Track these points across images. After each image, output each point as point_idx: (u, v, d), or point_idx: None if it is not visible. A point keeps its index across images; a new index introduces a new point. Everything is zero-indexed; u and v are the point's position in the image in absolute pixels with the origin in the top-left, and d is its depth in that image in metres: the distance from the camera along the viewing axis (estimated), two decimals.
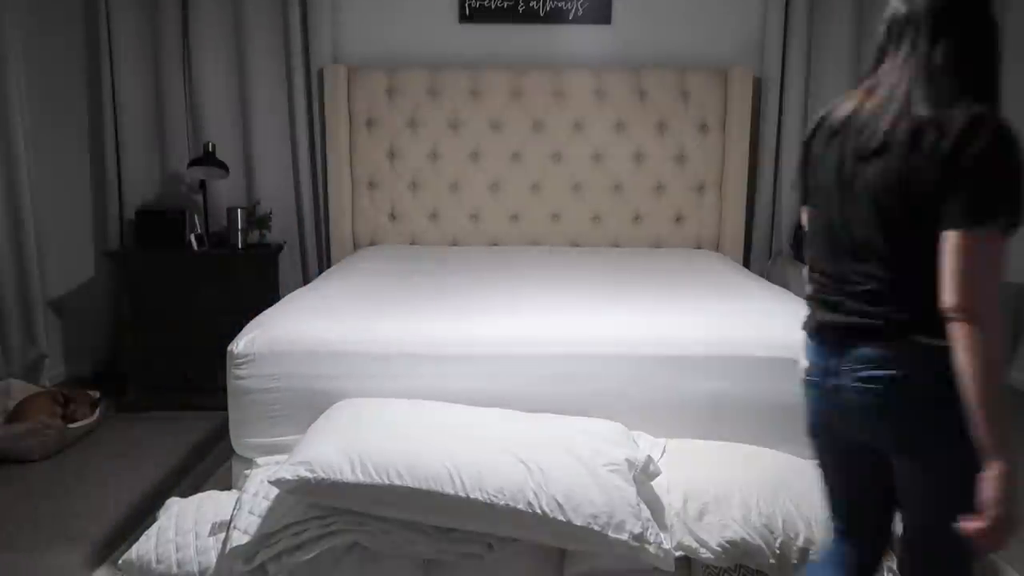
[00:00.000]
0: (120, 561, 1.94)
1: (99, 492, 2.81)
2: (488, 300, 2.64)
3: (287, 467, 1.76)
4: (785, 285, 3.47)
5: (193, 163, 3.77)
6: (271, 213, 3.90)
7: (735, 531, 1.82)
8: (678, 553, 1.83)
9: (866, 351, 1.35)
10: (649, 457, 1.93)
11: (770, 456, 2.12)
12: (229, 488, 2.27)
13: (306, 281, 3.87)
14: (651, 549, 1.75)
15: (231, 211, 3.76)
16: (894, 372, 1.32)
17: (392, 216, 3.96)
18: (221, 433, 2.85)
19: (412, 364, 2.24)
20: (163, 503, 2.10)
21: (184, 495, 2.17)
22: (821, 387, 1.45)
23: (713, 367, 2.24)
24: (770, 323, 2.38)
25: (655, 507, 1.87)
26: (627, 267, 3.34)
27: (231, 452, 2.33)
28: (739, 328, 2.34)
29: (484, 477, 1.75)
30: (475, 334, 2.29)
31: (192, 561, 1.86)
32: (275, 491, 1.84)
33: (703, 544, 1.82)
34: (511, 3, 3.93)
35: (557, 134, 3.89)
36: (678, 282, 2.98)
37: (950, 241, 1.25)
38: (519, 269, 3.21)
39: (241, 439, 2.27)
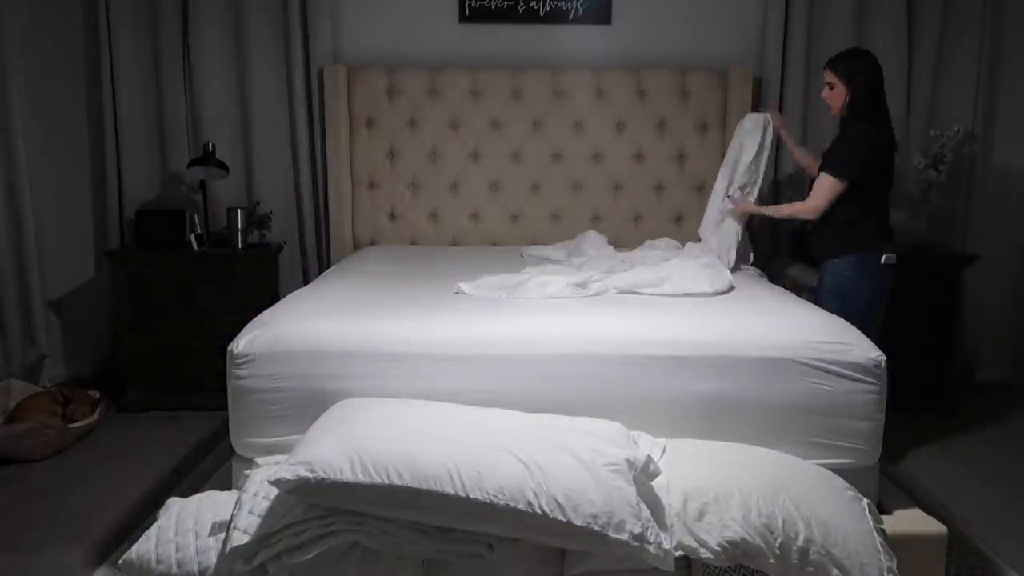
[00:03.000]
0: (120, 561, 1.94)
1: (99, 492, 2.81)
2: (488, 300, 2.64)
3: (287, 467, 1.76)
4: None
5: (193, 163, 3.77)
6: (271, 213, 3.90)
7: (735, 531, 1.82)
8: (678, 553, 1.83)
9: None
10: (649, 457, 1.92)
11: (770, 456, 2.11)
12: (229, 488, 2.27)
13: (306, 281, 3.87)
14: (651, 549, 1.75)
15: (231, 211, 3.76)
16: None
17: (392, 216, 3.96)
18: (221, 433, 2.85)
19: (412, 364, 2.24)
20: (163, 503, 2.10)
21: (184, 495, 2.16)
22: None
23: (713, 367, 2.24)
24: (770, 323, 2.39)
25: (655, 507, 1.87)
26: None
27: (231, 452, 2.33)
28: (739, 328, 2.34)
29: (484, 477, 1.75)
30: (475, 334, 2.29)
31: (192, 561, 1.86)
32: (275, 491, 1.84)
33: (703, 544, 1.82)
34: (511, 3, 3.93)
35: (557, 134, 3.89)
36: None
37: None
38: (519, 269, 3.21)
39: (241, 439, 2.27)
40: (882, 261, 2.87)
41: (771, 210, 3.21)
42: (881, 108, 2.89)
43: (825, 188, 2.86)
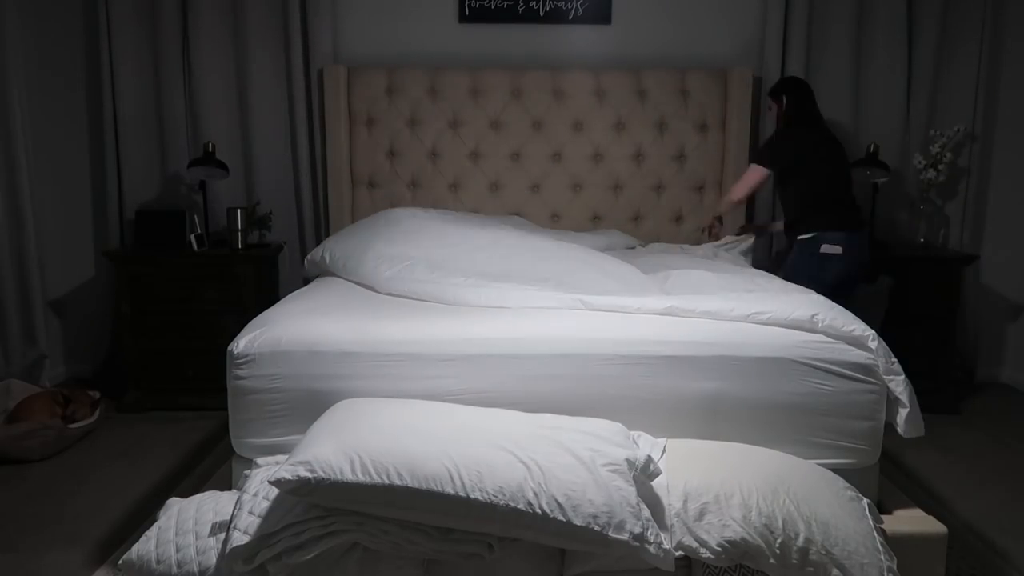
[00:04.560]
0: (120, 561, 1.94)
1: (99, 492, 2.82)
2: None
3: (287, 467, 1.76)
4: None
5: (193, 163, 3.77)
6: (271, 213, 3.90)
7: (735, 531, 1.82)
8: (678, 553, 1.83)
9: None
10: (649, 457, 1.92)
11: (770, 456, 2.11)
12: (229, 488, 2.27)
13: (306, 281, 3.87)
14: (651, 549, 1.75)
15: (231, 211, 3.76)
16: None
17: None
18: (221, 433, 2.85)
19: (412, 364, 2.24)
20: (163, 503, 2.10)
21: (184, 495, 2.16)
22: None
23: (713, 367, 2.24)
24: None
25: (655, 507, 1.87)
26: None
27: (231, 452, 2.32)
28: (739, 328, 2.34)
29: (484, 477, 1.75)
30: (475, 334, 2.29)
31: (192, 561, 1.86)
32: (275, 491, 1.84)
33: (703, 544, 1.83)
34: (511, 3, 3.93)
35: (557, 134, 3.89)
36: None
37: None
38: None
39: (241, 439, 2.27)
40: (821, 251, 3.20)
41: (724, 205, 3.56)
42: (809, 121, 3.39)
43: (748, 174, 3.41)
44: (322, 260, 3.19)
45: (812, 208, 3.29)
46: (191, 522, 1.96)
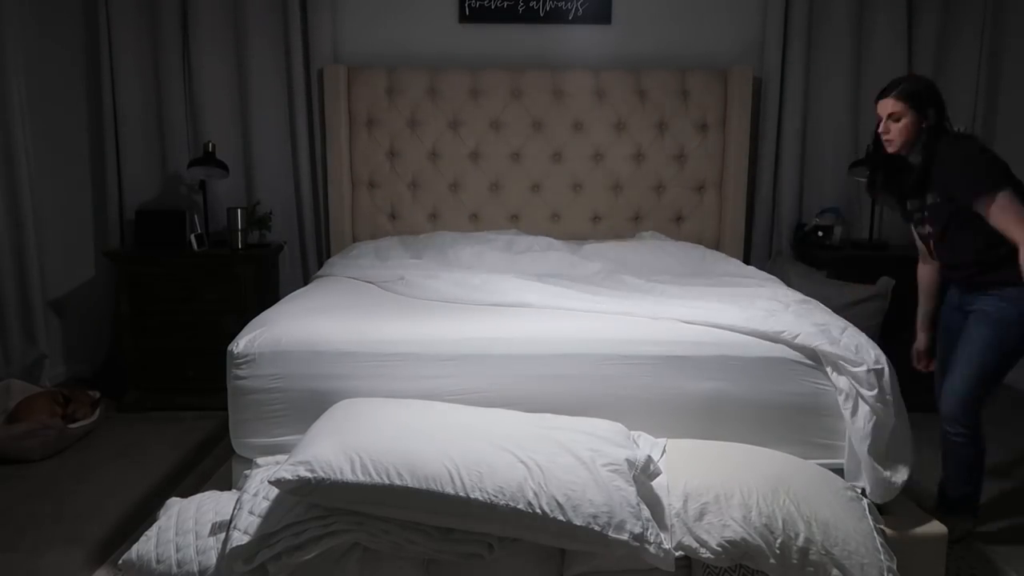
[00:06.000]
0: (120, 561, 1.94)
1: (99, 492, 2.81)
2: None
3: (287, 467, 1.76)
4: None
5: (193, 163, 3.77)
6: (271, 213, 3.90)
7: (735, 531, 1.82)
8: (678, 553, 1.83)
9: None
10: (649, 457, 1.93)
11: (770, 456, 2.12)
12: (229, 488, 2.27)
13: (306, 281, 3.87)
14: (651, 549, 1.75)
15: (231, 211, 3.76)
16: None
17: (392, 216, 3.96)
18: (221, 433, 2.85)
19: (412, 364, 2.24)
20: (163, 503, 2.10)
21: (184, 495, 2.17)
22: None
23: (713, 367, 2.24)
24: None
25: (655, 507, 1.87)
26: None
27: (231, 452, 2.33)
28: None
29: (484, 477, 1.75)
30: (475, 334, 2.29)
31: (192, 561, 1.86)
32: (275, 491, 1.84)
33: (703, 544, 1.83)
34: (511, 3, 3.93)
35: (557, 134, 3.89)
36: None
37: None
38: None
39: (241, 439, 2.27)
40: None
41: None
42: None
43: (1008, 207, 2.21)
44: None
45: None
46: (191, 522, 1.96)
